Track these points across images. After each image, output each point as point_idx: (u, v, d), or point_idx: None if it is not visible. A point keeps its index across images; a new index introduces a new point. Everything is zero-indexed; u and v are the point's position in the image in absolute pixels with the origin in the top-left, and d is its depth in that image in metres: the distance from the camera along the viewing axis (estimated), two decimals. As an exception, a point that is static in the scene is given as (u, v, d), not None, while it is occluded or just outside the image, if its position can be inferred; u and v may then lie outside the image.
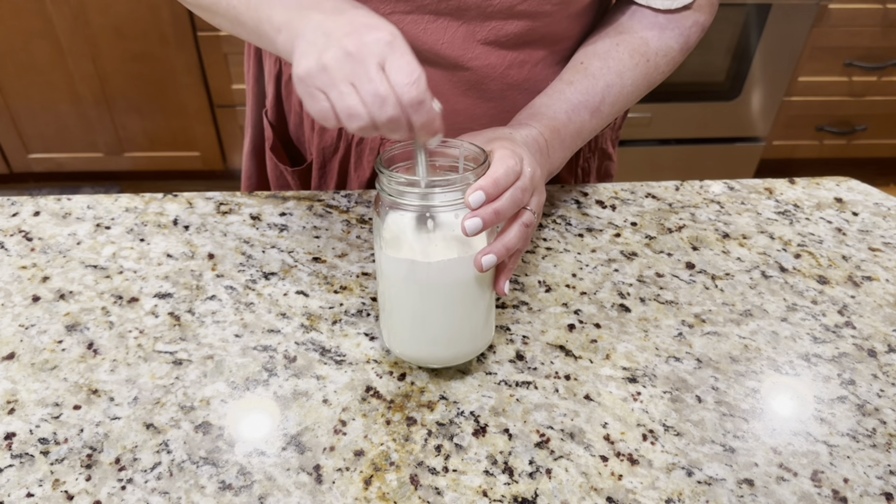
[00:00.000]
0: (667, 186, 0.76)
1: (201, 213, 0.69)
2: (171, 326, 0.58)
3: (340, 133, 0.72)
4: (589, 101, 0.62)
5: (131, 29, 1.79)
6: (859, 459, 0.50)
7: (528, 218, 0.50)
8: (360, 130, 0.45)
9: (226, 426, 0.51)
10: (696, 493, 0.47)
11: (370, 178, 0.73)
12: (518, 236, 0.49)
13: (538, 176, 0.52)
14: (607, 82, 0.63)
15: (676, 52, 0.66)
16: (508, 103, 0.68)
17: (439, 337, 0.52)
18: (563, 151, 0.61)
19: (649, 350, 0.57)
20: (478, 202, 0.46)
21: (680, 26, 0.65)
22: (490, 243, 0.48)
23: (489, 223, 0.46)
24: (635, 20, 0.65)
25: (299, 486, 0.47)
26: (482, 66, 0.65)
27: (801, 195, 0.75)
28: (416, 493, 0.47)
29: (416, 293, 0.50)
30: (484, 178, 0.46)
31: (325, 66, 0.44)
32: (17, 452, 0.49)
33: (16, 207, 0.69)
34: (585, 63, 0.64)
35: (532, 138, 0.56)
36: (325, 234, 0.67)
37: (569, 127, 0.60)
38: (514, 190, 0.48)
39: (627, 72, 0.63)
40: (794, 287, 0.64)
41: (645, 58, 0.64)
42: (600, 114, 0.63)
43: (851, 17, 1.84)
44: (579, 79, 0.62)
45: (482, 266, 0.47)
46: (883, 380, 0.56)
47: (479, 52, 0.64)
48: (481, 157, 0.48)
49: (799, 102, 2.01)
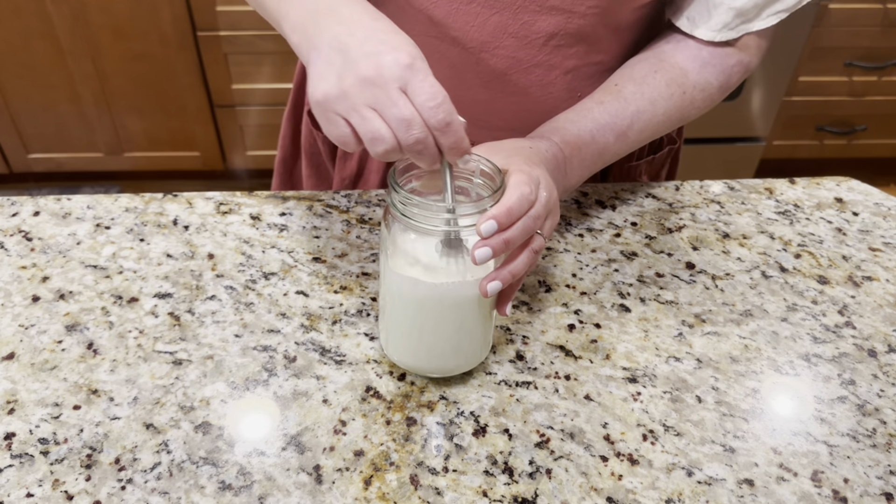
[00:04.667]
0: (667, 186, 0.76)
1: (201, 213, 0.69)
2: (171, 326, 0.58)
3: None
4: (616, 123, 0.61)
5: (131, 29, 1.79)
6: (859, 459, 0.50)
7: (539, 244, 0.49)
8: (386, 154, 0.45)
9: (226, 426, 0.50)
10: (696, 493, 0.47)
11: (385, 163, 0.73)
12: (526, 263, 0.48)
13: (553, 199, 0.51)
14: (638, 108, 0.61)
15: (715, 90, 0.64)
16: (530, 103, 0.67)
17: (437, 350, 0.52)
18: (583, 170, 0.60)
19: (649, 350, 0.57)
20: (489, 232, 0.45)
21: (722, 63, 0.63)
22: (497, 267, 0.48)
23: (499, 252, 0.45)
24: (678, 50, 0.64)
25: (299, 487, 0.47)
26: (509, 59, 0.64)
27: (801, 195, 0.75)
28: (416, 493, 0.47)
29: (417, 309, 0.49)
30: (497, 207, 0.45)
31: (345, 92, 0.44)
32: (16, 452, 0.49)
33: (16, 207, 0.69)
34: (620, 85, 0.62)
35: (552, 154, 0.55)
36: (325, 234, 0.67)
37: (591, 147, 0.59)
38: (526, 219, 0.47)
39: (661, 100, 0.62)
40: (794, 287, 0.64)
41: (682, 89, 0.63)
42: (626, 139, 0.62)
43: (851, 17, 1.84)
44: (610, 100, 0.61)
45: (487, 292, 0.47)
46: (883, 380, 0.56)
47: (509, 44, 0.63)
48: (496, 179, 0.47)
49: (799, 102, 2.01)
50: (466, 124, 0.45)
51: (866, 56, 1.92)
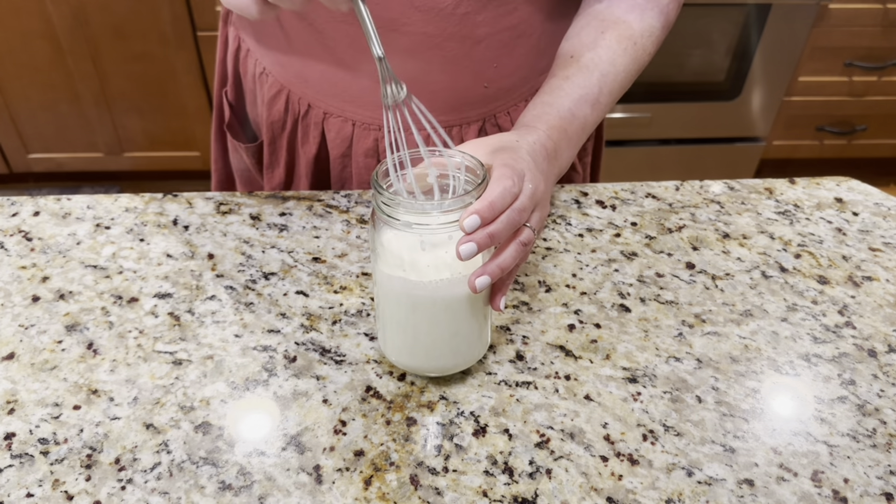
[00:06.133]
0: (667, 186, 0.76)
1: (201, 213, 0.69)
2: (171, 326, 0.58)
3: (287, 108, 0.73)
4: (588, 93, 0.61)
5: (131, 29, 1.79)
6: (859, 459, 0.50)
7: (527, 236, 0.49)
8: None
9: (226, 426, 0.50)
10: (696, 494, 0.47)
11: (316, 155, 0.74)
12: (514, 256, 0.48)
13: (541, 191, 0.51)
14: (602, 72, 0.62)
15: (659, 31, 0.66)
16: (447, 79, 0.67)
17: (432, 350, 0.52)
18: (571, 150, 0.60)
19: (649, 350, 0.57)
20: (472, 227, 0.45)
21: (658, 4, 0.65)
22: (485, 262, 0.47)
23: (484, 247, 0.45)
24: (613, 5, 0.65)
25: (299, 487, 0.47)
26: (420, 34, 0.64)
27: (801, 195, 0.75)
28: (416, 493, 0.47)
29: (409, 308, 0.49)
30: (479, 202, 0.45)
31: None
32: (16, 452, 0.49)
33: (16, 207, 0.69)
34: (576, 56, 0.63)
35: (540, 144, 0.55)
36: (325, 234, 0.67)
37: (574, 124, 0.60)
38: (510, 212, 0.47)
39: (619, 58, 0.63)
40: (794, 287, 0.64)
41: (632, 41, 0.64)
42: (600, 105, 0.62)
43: (851, 17, 1.84)
44: (573, 72, 0.62)
45: (476, 287, 0.46)
46: (883, 380, 0.56)
47: (417, 19, 0.63)
48: (479, 172, 0.47)
49: (799, 102, 2.01)
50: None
51: (866, 56, 1.93)
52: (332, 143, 0.73)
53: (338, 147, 0.73)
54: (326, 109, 0.71)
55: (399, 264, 0.48)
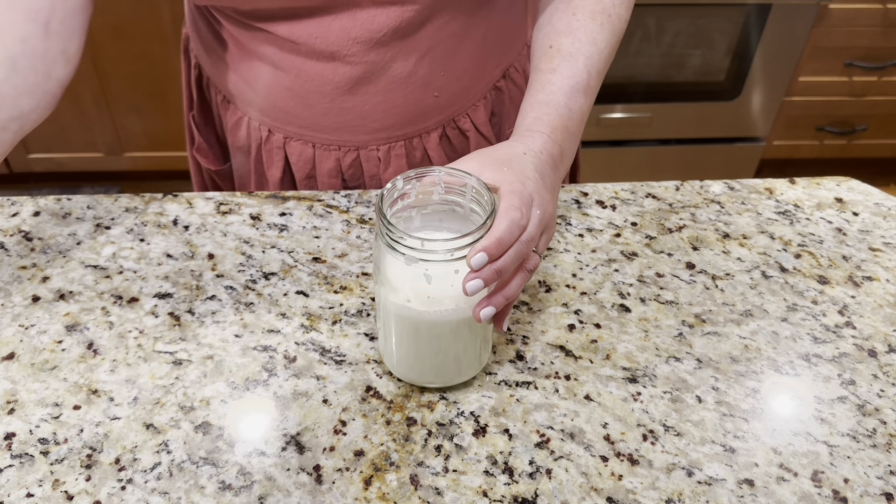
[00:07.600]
0: (667, 186, 0.76)
1: (201, 213, 0.69)
2: (171, 326, 0.58)
3: (249, 133, 0.74)
4: (578, 81, 0.59)
5: (131, 29, 1.79)
6: (859, 459, 0.50)
7: (534, 263, 0.48)
8: None
9: (226, 426, 0.50)
10: (696, 494, 0.47)
11: (282, 178, 0.75)
12: (520, 285, 0.48)
13: (548, 214, 0.50)
14: (586, 55, 0.60)
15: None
16: (400, 98, 0.67)
17: (432, 367, 0.52)
18: (574, 144, 0.59)
19: (649, 350, 0.57)
20: (479, 264, 0.44)
21: None
22: (490, 292, 0.47)
23: (490, 282, 0.45)
24: None
25: (299, 487, 0.47)
26: (363, 63, 0.64)
27: (801, 195, 0.75)
28: (416, 493, 0.47)
29: (412, 331, 0.49)
30: (487, 238, 0.44)
31: None
32: (16, 452, 0.49)
33: (16, 207, 0.69)
34: (555, 45, 0.61)
35: (546, 153, 0.54)
36: (325, 234, 0.67)
37: (573, 119, 0.59)
38: (518, 245, 0.46)
39: (598, 36, 0.61)
40: (794, 287, 0.64)
41: (605, 14, 0.61)
42: (591, 90, 0.60)
43: (851, 17, 1.84)
44: (558, 63, 0.60)
45: (481, 318, 0.46)
46: (883, 380, 0.56)
47: (357, 50, 0.63)
48: (486, 199, 0.46)
49: (799, 102, 2.01)
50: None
51: (866, 56, 1.92)
52: (296, 165, 0.74)
53: (301, 169, 0.74)
54: (286, 134, 0.72)
55: (403, 293, 0.47)
